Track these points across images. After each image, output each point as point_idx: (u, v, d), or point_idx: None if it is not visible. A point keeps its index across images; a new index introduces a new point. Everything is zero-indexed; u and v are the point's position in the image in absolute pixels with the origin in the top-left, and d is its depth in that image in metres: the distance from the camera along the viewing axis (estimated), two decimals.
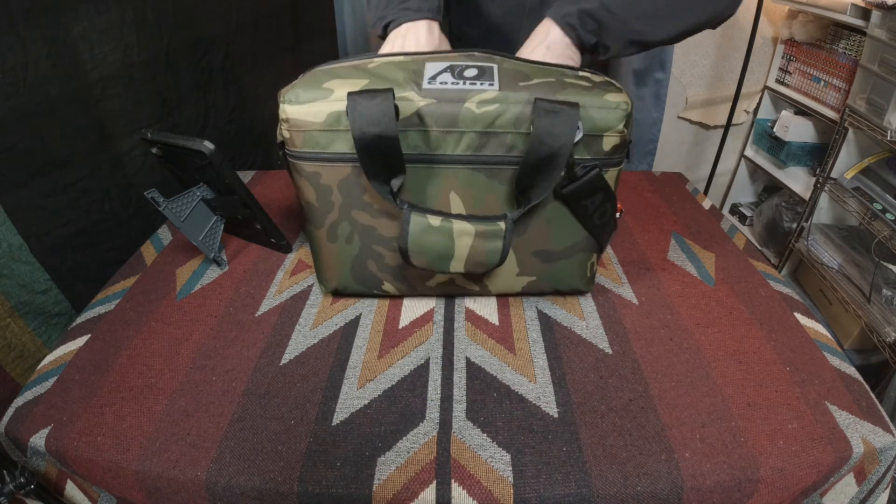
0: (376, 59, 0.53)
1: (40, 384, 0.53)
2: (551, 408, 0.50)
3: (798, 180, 1.60)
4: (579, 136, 0.50)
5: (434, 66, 0.52)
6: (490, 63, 0.52)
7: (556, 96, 0.49)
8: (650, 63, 1.52)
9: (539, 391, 0.52)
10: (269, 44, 1.19)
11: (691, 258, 0.73)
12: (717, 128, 1.83)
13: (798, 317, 0.63)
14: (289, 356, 0.56)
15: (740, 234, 0.80)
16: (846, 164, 1.36)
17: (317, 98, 0.50)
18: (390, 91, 0.47)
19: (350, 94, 0.47)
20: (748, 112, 1.80)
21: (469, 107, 0.49)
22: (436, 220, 0.52)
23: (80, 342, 0.59)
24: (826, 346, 0.59)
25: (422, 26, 0.60)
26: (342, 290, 0.63)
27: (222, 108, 1.10)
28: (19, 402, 0.52)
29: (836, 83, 1.44)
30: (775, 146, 1.66)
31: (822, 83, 1.49)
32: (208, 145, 0.59)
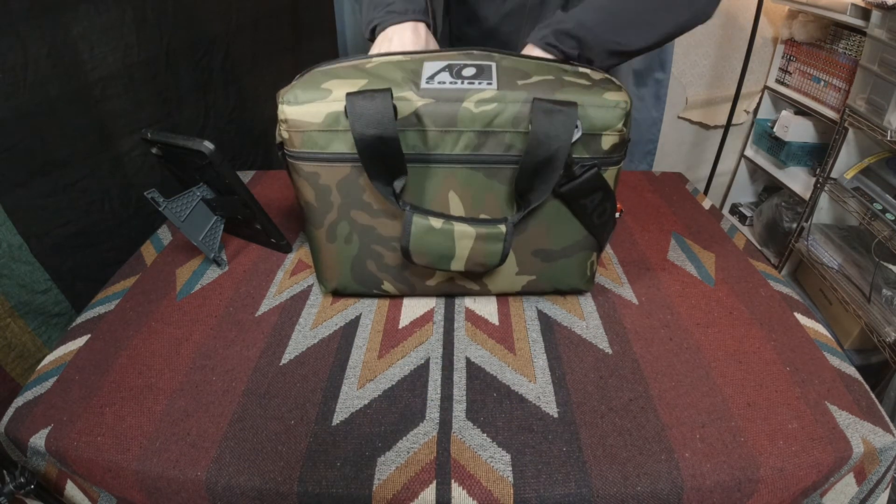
0: (375, 59, 0.53)
1: (40, 384, 0.53)
2: (551, 408, 0.50)
3: (798, 180, 1.60)
4: (578, 136, 0.50)
5: (432, 65, 0.52)
6: (489, 61, 0.52)
7: (554, 95, 0.49)
8: (650, 63, 1.52)
9: (539, 391, 0.52)
10: (269, 44, 1.19)
11: (691, 258, 0.73)
12: (717, 128, 1.82)
13: (798, 317, 0.63)
14: (289, 356, 0.56)
15: (740, 234, 0.80)
16: (846, 164, 1.36)
17: (315, 98, 0.49)
18: (388, 91, 0.47)
19: (349, 95, 0.47)
20: (748, 112, 1.79)
21: (467, 106, 0.49)
22: (437, 223, 0.52)
23: (80, 342, 0.59)
24: (826, 346, 0.59)
25: (407, 28, 0.60)
26: (342, 290, 0.63)
27: (222, 108, 1.10)
28: (19, 402, 0.52)
29: (836, 83, 1.43)
30: (775, 146, 1.66)
31: (822, 83, 1.49)
32: (208, 145, 0.59)
